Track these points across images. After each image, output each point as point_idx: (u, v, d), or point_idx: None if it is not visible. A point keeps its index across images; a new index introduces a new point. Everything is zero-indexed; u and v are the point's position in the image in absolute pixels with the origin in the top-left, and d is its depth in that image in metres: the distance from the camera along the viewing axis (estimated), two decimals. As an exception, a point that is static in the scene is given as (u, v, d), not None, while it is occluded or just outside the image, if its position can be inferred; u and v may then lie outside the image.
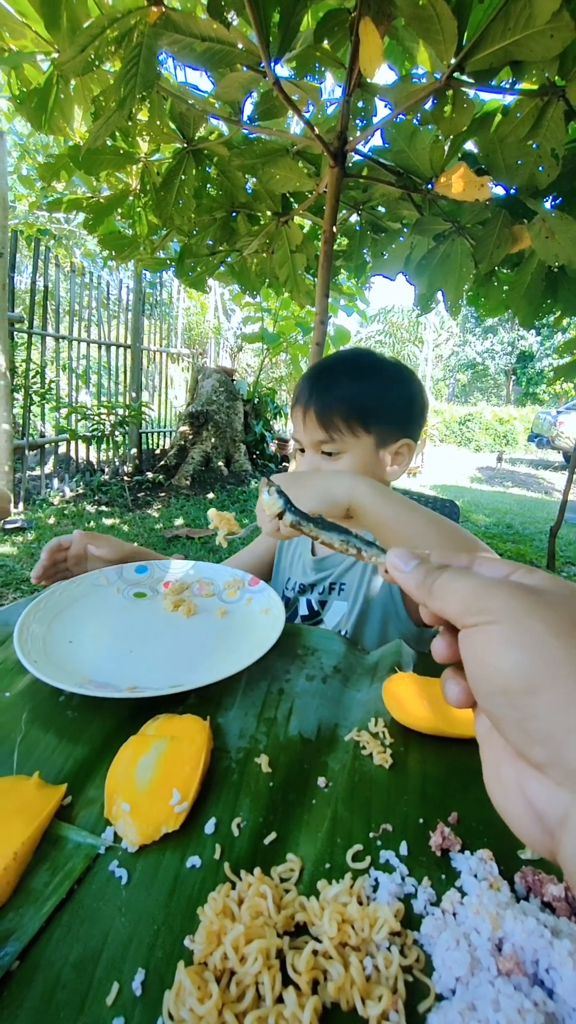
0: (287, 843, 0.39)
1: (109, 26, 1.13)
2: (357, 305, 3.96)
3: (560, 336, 12.87)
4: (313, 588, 0.90)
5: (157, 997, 0.29)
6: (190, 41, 1.17)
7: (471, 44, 1.08)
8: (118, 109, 1.22)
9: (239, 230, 1.94)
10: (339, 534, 0.34)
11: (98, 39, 1.14)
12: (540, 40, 1.04)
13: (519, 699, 0.21)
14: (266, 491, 0.37)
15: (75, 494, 4.41)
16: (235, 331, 7.51)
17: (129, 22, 1.14)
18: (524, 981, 0.28)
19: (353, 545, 0.33)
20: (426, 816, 0.41)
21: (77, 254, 7.78)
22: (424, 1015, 0.28)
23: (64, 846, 0.38)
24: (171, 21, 1.13)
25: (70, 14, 1.23)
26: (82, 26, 1.22)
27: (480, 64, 1.12)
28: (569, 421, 9.73)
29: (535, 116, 1.23)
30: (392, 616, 0.82)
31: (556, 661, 0.20)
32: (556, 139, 1.24)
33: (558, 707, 0.20)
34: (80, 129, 1.69)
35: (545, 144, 1.25)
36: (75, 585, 0.72)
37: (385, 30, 1.23)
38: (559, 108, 1.19)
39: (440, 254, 1.65)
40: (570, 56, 1.12)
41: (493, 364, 21.22)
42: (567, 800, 0.20)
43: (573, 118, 1.23)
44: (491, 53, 1.09)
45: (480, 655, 0.22)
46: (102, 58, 1.21)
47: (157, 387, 5.88)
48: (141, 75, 1.17)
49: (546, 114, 1.21)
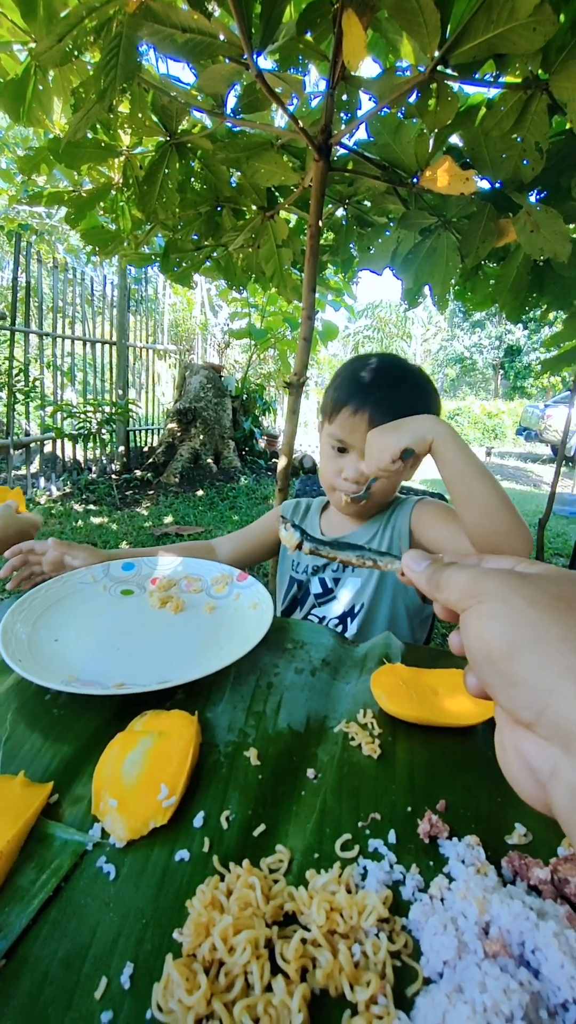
0: (276, 835, 0.39)
1: (87, 15, 1.11)
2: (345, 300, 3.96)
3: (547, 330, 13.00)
4: (326, 567, 0.92)
5: (146, 990, 0.29)
6: (171, 32, 1.15)
7: (454, 37, 1.08)
8: (98, 101, 1.20)
9: (224, 224, 1.93)
10: (354, 552, 0.38)
11: (76, 28, 1.12)
12: (523, 33, 1.04)
13: (503, 665, 0.22)
14: (283, 528, 0.41)
15: (62, 493, 4.37)
16: (222, 327, 7.46)
17: (108, 11, 1.12)
18: (510, 962, 0.28)
19: (368, 558, 0.37)
20: (414, 804, 0.41)
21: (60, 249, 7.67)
22: (412, 999, 0.29)
23: (51, 843, 0.38)
24: (151, 11, 1.11)
25: (47, 3, 1.21)
26: (59, 15, 1.20)
27: (463, 57, 1.12)
28: (557, 414, 9.82)
29: (519, 110, 1.23)
30: (400, 590, 0.87)
31: (533, 626, 0.22)
32: (540, 133, 1.24)
33: (536, 668, 0.21)
34: (60, 121, 1.67)
35: (529, 138, 1.26)
36: (60, 584, 0.72)
37: (368, 22, 1.22)
38: (543, 101, 1.19)
39: (426, 248, 1.65)
40: (552, 49, 1.12)
41: (481, 358, 21.35)
42: (555, 754, 0.21)
43: (556, 112, 1.24)
44: (474, 46, 1.09)
45: (471, 631, 0.24)
46: (81, 48, 1.18)
47: (144, 384, 5.83)
48: (121, 66, 1.15)
49: (530, 108, 1.21)
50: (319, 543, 0.40)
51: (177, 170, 1.62)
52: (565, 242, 1.32)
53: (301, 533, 0.41)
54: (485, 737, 0.49)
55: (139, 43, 1.15)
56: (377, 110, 1.33)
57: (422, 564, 0.30)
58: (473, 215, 1.49)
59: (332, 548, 0.39)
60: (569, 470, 7.18)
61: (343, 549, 0.38)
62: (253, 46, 1.15)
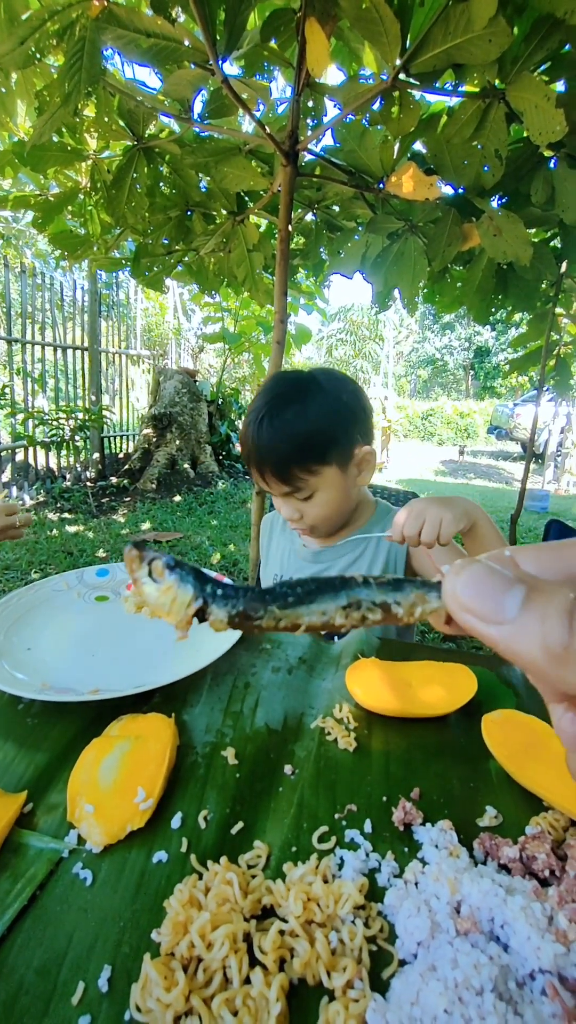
0: (254, 831, 0.39)
1: (49, 18, 1.10)
2: (317, 304, 3.99)
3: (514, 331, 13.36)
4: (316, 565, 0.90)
5: (125, 992, 0.29)
6: (135, 36, 1.15)
7: (414, 47, 1.11)
8: (63, 105, 1.19)
9: (195, 229, 1.93)
10: (332, 599, 0.20)
11: (38, 31, 1.11)
12: (479, 44, 1.08)
13: None
14: (151, 577, 0.21)
15: (36, 502, 4.27)
16: (196, 331, 7.43)
17: (70, 15, 1.11)
18: (481, 938, 0.29)
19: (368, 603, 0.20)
20: (389, 794, 0.42)
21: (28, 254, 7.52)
22: (388, 981, 0.29)
23: (25, 853, 0.37)
24: (114, 15, 1.11)
25: (7, 5, 1.19)
26: (20, 17, 1.18)
27: (424, 66, 1.15)
28: (525, 413, 10.09)
29: (478, 118, 1.27)
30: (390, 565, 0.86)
31: None
32: (499, 140, 1.28)
33: None
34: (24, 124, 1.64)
35: (489, 145, 1.30)
36: (33, 592, 0.70)
37: (331, 31, 1.24)
38: (500, 110, 1.24)
39: (394, 252, 1.68)
40: (508, 60, 1.16)
41: (452, 360, 21.78)
42: None
43: (514, 120, 1.28)
44: (434, 56, 1.12)
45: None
46: (43, 52, 1.17)
47: (118, 390, 5.76)
48: (85, 70, 1.15)
49: (488, 116, 1.25)
50: (243, 599, 0.20)
51: (146, 174, 1.61)
52: (526, 246, 1.37)
53: (197, 587, 0.21)
54: (457, 725, 0.50)
55: (103, 47, 1.14)
56: (342, 117, 1.35)
57: (510, 604, 0.16)
58: (438, 220, 1.53)
59: (296, 604, 0.20)
60: (539, 467, 7.38)
61: (318, 597, 0.20)
62: (218, 52, 1.15)
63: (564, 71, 1.21)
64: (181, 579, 0.20)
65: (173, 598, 0.20)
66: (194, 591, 0.20)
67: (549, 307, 2.01)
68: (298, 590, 0.20)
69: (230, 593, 0.20)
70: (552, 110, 1.07)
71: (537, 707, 0.51)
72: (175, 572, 0.21)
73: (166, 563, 0.21)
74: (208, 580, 0.21)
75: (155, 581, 0.21)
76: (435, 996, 0.26)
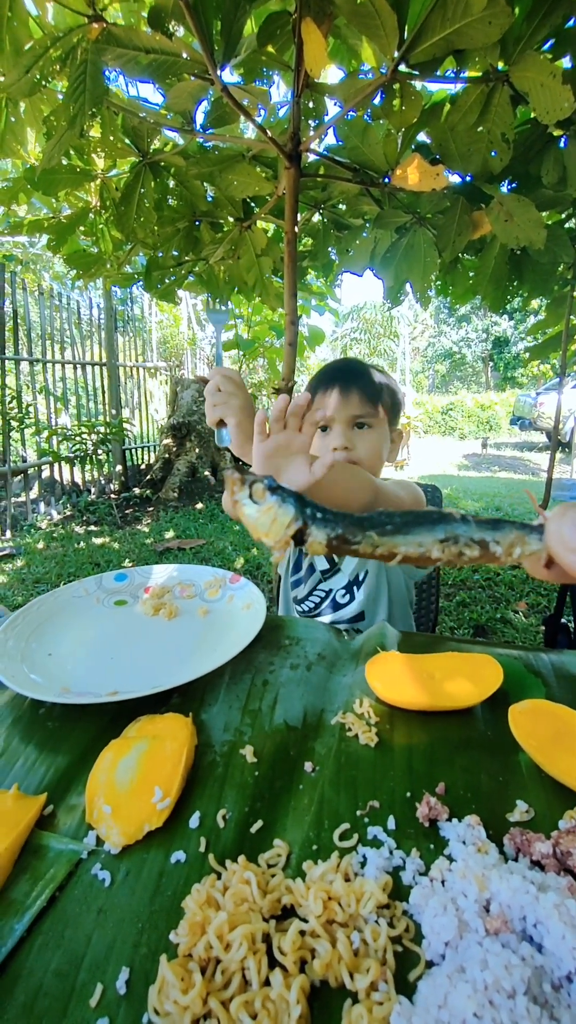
0: (274, 829, 0.38)
1: (52, 45, 1.14)
2: (328, 304, 3.98)
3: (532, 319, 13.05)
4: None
5: (143, 994, 0.28)
6: (134, 54, 1.17)
7: (412, 37, 1.10)
8: (69, 127, 1.22)
9: (203, 238, 1.95)
10: (429, 531, 0.19)
11: (42, 59, 1.15)
12: (479, 27, 1.06)
13: None
14: (251, 499, 0.20)
15: (63, 516, 4.38)
16: (210, 340, 7.52)
17: (71, 40, 1.14)
18: (512, 938, 0.28)
19: (466, 538, 0.19)
20: (413, 789, 0.41)
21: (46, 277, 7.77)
22: (415, 983, 0.28)
23: (45, 855, 0.37)
24: (113, 36, 1.14)
25: (11, 36, 1.24)
26: (24, 47, 1.23)
27: (423, 56, 1.13)
28: (549, 402, 9.82)
29: (482, 103, 1.25)
30: None
31: None
32: (505, 123, 1.26)
33: None
34: (35, 150, 1.70)
35: (495, 129, 1.27)
36: (53, 598, 0.71)
37: (327, 30, 1.24)
38: (504, 93, 1.21)
39: (404, 246, 1.66)
40: (510, 41, 1.14)
41: (470, 352, 21.40)
42: None
43: (519, 102, 1.25)
44: (433, 44, 1.11)
45: None
46: (48, 78, 1.21)
47: (137, 403, 5.87)
48: (89, 92, 1.18)
49: (492, 100, 1.23)
50: (343, 523, 0.21)
51: (152, 189, 1.64)
52: (539, 229, 1.33)
53: (299, 507, 0.21)
54: (483, 717, 0.48)
55: (104, 68, 1.17)
56: (343, 114, 1.35)
57: None
58: (447, 209, 1.51)
59: (394, 532, 0.19)
60: (566, 456, 7.16)
61: (416, 528, 0.19)
62: (216, 61, 1.17)
63: (569, 46, 1.18)
64: (282, 500, 0.21)
65: (273, 518, 0.21)
66: (295, 511, 0.21)
67: (567, 290, 1.95)
68: (397, 519, 0.21)
69: (330, 517, 0.21)
70: (559, 87, 1.05)
71: (567, 696, 0.49)
72: (277, 494, 0.21)
73: (268, 485, 0.21)
74: (308, 503, 0.21)
75: (256, 503, 0.21)
76: (464, 999, 0.24)
